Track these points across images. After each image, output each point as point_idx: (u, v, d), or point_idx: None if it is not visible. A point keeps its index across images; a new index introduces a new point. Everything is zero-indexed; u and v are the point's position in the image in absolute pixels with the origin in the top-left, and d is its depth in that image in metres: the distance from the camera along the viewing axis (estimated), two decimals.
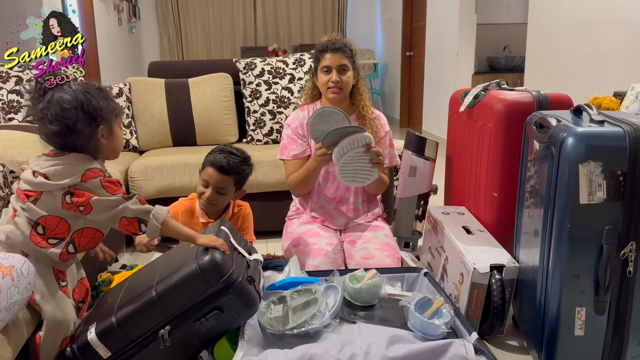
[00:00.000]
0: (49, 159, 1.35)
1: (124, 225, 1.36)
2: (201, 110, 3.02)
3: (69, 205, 1.33)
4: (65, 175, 1.33)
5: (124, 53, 6.13)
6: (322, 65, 1.96)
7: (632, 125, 1.38)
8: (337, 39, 1.98)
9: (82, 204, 1.33)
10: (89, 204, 1.33)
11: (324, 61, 1.96)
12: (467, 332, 1.40)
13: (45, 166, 1.34)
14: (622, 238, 1.39)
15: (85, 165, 1.35)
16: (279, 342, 1.35)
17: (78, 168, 1.34)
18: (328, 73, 1.96)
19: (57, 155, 1.36)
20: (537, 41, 3.56)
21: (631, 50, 2.67)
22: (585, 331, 1.45)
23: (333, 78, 1.94)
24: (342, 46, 1.96)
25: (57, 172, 1.33)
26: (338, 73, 1.95)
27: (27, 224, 1.33)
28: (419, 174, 2.30)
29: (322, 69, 1.97)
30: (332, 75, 1.94)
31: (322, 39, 2.01)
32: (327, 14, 7.49)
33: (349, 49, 1.98)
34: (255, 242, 2.59)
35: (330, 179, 2.05)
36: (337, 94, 1.97)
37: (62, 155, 1.36)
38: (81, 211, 1.34)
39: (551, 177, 1.46)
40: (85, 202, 1.33)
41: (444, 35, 5.16)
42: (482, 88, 2.08)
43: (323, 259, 1.88)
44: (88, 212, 1.34)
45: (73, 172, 1.33)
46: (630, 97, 1.95)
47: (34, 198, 1.34)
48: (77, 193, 1.33)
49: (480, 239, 1.87)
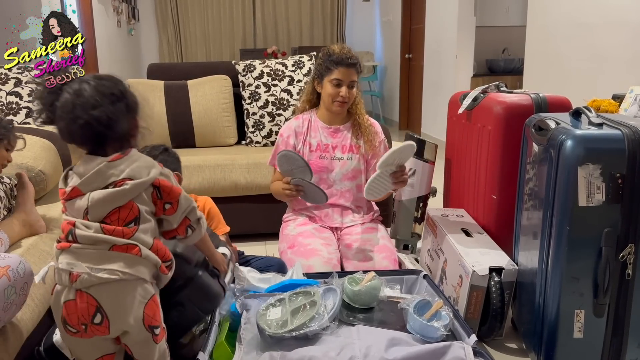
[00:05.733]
0: (117, 161, 1.14)
1: (180, 226, 1.23)
2: (200, 113, 3.02)
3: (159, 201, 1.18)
4: (147, 166, 1.16)
5: (123, 55, 6.13)
6: (334, 77, 1.96)
7: (631, 127, 1.38)
8: (351, 53, 1.99)
9: (170, 201, 1.18)
10: (176, 201, 1.19)
11: (337, 74, 1.96)
12: (466, 334, 1.40)
13: (120, 170, 1.13)
14: (620, 240, 1.39)
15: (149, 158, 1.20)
16: (278, 344, 1.35)
17: (148, 159, 1.19)
18: (338, 86, 1.97)
19: (120, 156, 1.15)
20: (536, 44, 3.56)
21: (630, 52, 2.68)
22: (584, 333, 1.45)
23: (343, 93, 1.97)
24: (356, 62, 1.98)
25: (137, 168, 1.15)
26: (348, 88, 1.97)
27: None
28: (418, 176, 2.31)
29: (332, 81, 1.97)
30: (342, 90, 1.97)
31: (332, 48, 2.01)
32: (327, 16, 7.50)
33: (360, 65, 2.01)
34: (255, 244, 2.61)
35: (322, 185, 2.05)
36: (343, 108, 2.01)
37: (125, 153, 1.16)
38: (165, 210, 1.19)
39: (550, 179, 1.46)
40: (174, 199, 1.19)
41: (443, 38, 5.17)
42: (481, 90, 2.09)
43: (317, 259, 1.88)
44: (172, 212, 1.19)
45: (151, 163, 1.18)
46: (629, 99, 1.96)
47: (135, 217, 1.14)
48: (163, 186, 1.17)
49: (479, 242, 1.87)
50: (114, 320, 1.11)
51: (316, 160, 2.05)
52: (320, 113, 2.10)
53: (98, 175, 1.12)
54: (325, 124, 2.08)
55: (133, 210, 1.13)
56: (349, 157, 2.06)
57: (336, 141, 2.07)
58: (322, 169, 2.05)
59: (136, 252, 1.12)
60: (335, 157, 2.06)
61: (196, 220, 1.25)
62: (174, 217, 1.21)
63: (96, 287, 1.09)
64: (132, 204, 1.13)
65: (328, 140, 2.07)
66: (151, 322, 1.15)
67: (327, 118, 2.08)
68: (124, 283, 1.11)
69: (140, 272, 1.13)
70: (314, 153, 2.06)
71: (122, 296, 1.11)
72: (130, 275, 1.11)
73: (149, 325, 1.14)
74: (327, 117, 2.08)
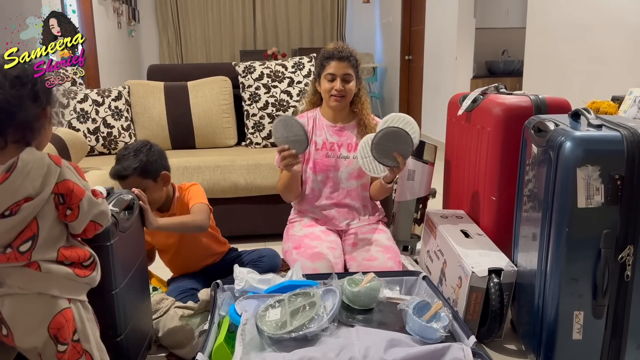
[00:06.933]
0: (6, 183, 1.05)
1: (87, 231, 1.19)
2: (200, 114, 3.02)
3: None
4: (42, 174, 1.09)
5: (123, 56, 6.13)
6: (327, 72, 1.97)
7: (630, 129, 1.39)
8: (344, 47, 1.99)
9: (70, 206, 1.14)
10: (77, 207, 1.14)
11: (329, 68, 1.96)
12: (466, 335, 1.39)
13: (12, 191, 1.05)
14: (619, 242, 1.39)
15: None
16: (277, 345, 1.35)
17: (41, 162, 1.11)
18: (332, 81, 1.97)
19: (7, 175, 1.05)
20: (535, 45, 3.56)
21: (629, 54, 2.68)
22: (583, 335, 1.45)
23: (337, 86, 1.96)
24: (348, 55, 1.97)
25: (31, 182, 1.07)
26: (342, 82, 1.96)
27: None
28: (417, 177, 2.31)
29: (326, 76, 1.98)
30: (336, 84, 1.96)
31: (328, 46, 2.02)
32: (327, 18, 7.51)
33: (354, 59, 1.99)
34: (255, 245, 2.60)
35: (329, 183, 2.06)
36: (339, 102, 1.99)
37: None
38: (67, 216, 1.14)
39: (549, 181, 1.46)
40: (74, 204, 1.14)
41: (442, 39, 5.17)
42: (480, 92, 2.09)
43: (323, 263, 1.88)
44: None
45: (46, 167, 1.11)
46: (628, 101, 1.96)
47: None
48: (64, 192, 1.11)
49: (478, 243, 1.87)
50: (16, 333, 1.07)
51: (322, 158, 2.05)
52: (323, 111, 2.10)
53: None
54: (330, 122, 2.08)
55: (31, 228, 1.06)
56: (355, 155, 2.05)
57: (342, 140, 2.06)
58: (328, 167, 2.05)
59: (34, 268, 1.06)
60: (341, 155, 2.05)
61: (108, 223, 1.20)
62: (77, 223, 1.13)
63: (1, 298, 1.06)
64: (33, 221, 1.06)
65: (333, 139, 2.06)
66: (57, 334, 1.08)
67: (331, 116, 2.08)
68: (24, 297, 1.06)
69: (42, 288, 1.07)
70: (320, 151, 2.06)
71: (20, 309, 1.06)
72: (29, 290, 1.06)
73: (54, 336, 1.08)
74: (331, 114, 2.08)
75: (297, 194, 2.08)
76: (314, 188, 2.07)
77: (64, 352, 1.10)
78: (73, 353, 1.11)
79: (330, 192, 2.06)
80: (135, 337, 1.50)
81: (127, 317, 1.43)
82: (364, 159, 1.89)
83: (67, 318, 1.10)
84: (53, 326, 1.07)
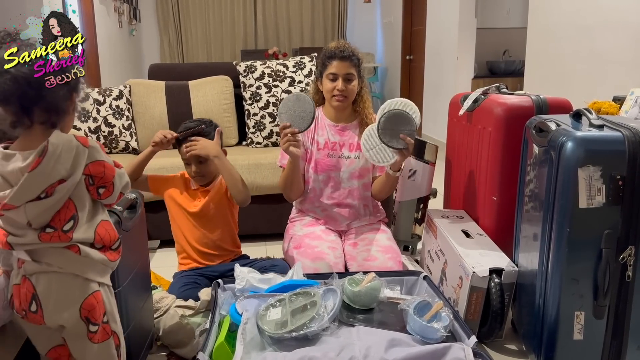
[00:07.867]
0: (38, 168, 1.09)
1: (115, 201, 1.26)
2: (201, 113, 3.02)
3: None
4: (72, 157, 1.16)
5: (124, 55, 6.13)
6: (329, 72, 1.96)
7: (632, 129, 1.38)
8: (346, 46, 1.97)
9: (103, 184, 1.20)
10: (111, 184, 1.21)
11: (331, 68, 1.95)
12: (466, 335, 1.39)
13: (45, 175, 1.10)
14: (621, 242, 1.39)
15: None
16: (278, 345, 1.35)
17: (70, 145, 1.16)
18: (334, 80, 1.96)
19: (40, 160, 1.09)
20: (536, 45, 3.56)
21: (630, 54, 2.68)
22: (584, 335, 1.45)
23: (339, 86, 1.95)
24: (350, 55, 1.95)
25: (62, 165, 1.13)
26: (344, 81, 1.95)
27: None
28: (418, 177, 2.31)
29: (328, 76, 1.97)
30: (338, 84, 1.95)
31: (330, 45, 2.01)
32: (327, 17, 7.51)
33: (356, 58, 1.97)
34: (255, 244, 2.61)
35: (330, 183, 2.06)
36: (341, 102, 1.98)
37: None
38: (100, 195, 1.20)
39: (550, 181, 1.46)
40: (108, 182, 1.21)
41: (443, 39, 5.17)
42: (481, 92, 2.09)
43: (323, 263, 1.88)
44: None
45: (74, 150, 1.16)
46: (630, 101, 1.95)
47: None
48: (94, 174, 1.19)
49: (479, 243, 1.86)
50: (47, 310, 1.11)
51: (324, 158, 2.04)
52: (325, 110, 2.10)
53: (25, 189, 1.06)
54: (332, 121, 2.08)
55: (70, 209, 1.12)
56: (357, 155, 2.04)
57: (343, 139, 2.06)
58: (330, 167, 2.04)
59: (75, 250, 1.12)
60: (343, 155, 2.05)
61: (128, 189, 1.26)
62: (112, 198, 1.20)
63: (37, 275, 1.11)
64: (69, 202, 1.12)
65: (335, 138, 2.06)
66: (88, 316, 1.14)
67: (333, 115, 2.08)
68: (60, 276, 1.11)
69: (79, 270, 1.13)
70: (322, 151, 2.05)
71: (55, 288, 1.12)
72: (66, 271, 1.12)
73: (86, 317, 1.13)
74: (333, 114, 2.08)
75: (299, 191, 2.07)
76: (315, 187, 2.07)
77: (95, 332, 1.16)
78: (103, 334, 1.17)
79: (332, 192, 2.06)
80: (137, 336, 1.51)
81: (129, 316, 1.43)
82: (370, 151, 1.88)
83: (98, 300, 1.15)
84: (85, 307, 1.13)
